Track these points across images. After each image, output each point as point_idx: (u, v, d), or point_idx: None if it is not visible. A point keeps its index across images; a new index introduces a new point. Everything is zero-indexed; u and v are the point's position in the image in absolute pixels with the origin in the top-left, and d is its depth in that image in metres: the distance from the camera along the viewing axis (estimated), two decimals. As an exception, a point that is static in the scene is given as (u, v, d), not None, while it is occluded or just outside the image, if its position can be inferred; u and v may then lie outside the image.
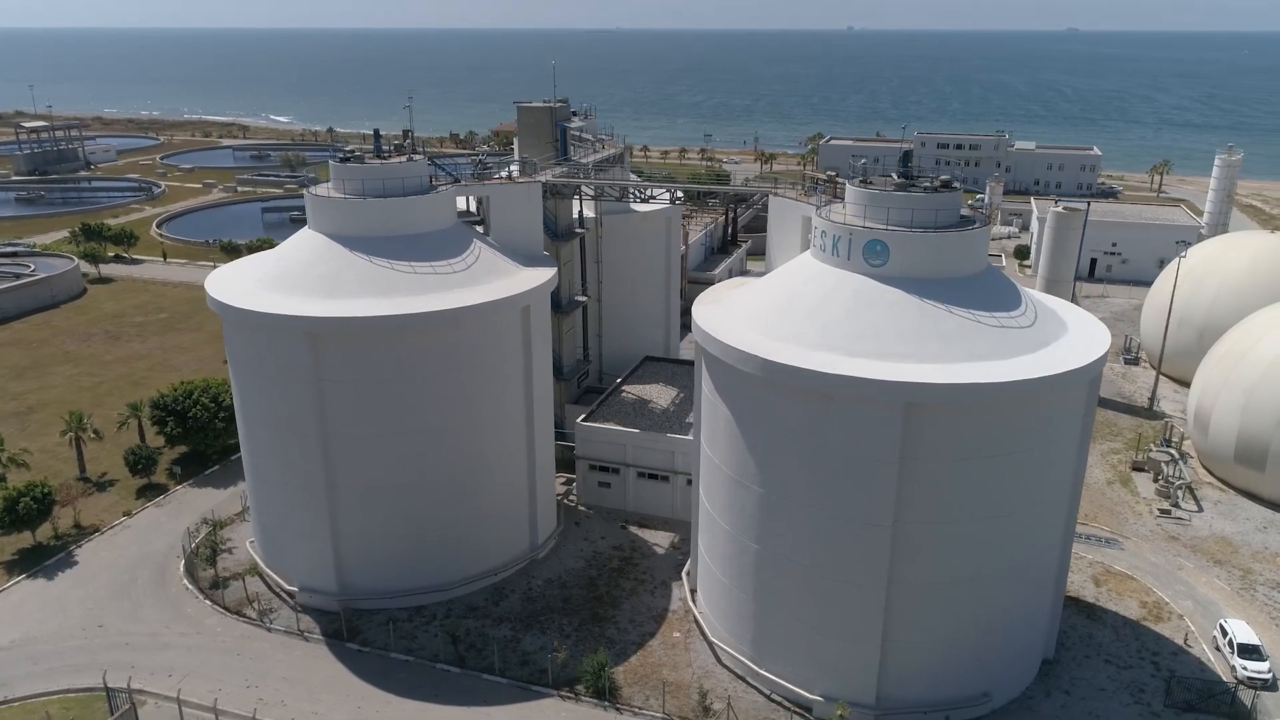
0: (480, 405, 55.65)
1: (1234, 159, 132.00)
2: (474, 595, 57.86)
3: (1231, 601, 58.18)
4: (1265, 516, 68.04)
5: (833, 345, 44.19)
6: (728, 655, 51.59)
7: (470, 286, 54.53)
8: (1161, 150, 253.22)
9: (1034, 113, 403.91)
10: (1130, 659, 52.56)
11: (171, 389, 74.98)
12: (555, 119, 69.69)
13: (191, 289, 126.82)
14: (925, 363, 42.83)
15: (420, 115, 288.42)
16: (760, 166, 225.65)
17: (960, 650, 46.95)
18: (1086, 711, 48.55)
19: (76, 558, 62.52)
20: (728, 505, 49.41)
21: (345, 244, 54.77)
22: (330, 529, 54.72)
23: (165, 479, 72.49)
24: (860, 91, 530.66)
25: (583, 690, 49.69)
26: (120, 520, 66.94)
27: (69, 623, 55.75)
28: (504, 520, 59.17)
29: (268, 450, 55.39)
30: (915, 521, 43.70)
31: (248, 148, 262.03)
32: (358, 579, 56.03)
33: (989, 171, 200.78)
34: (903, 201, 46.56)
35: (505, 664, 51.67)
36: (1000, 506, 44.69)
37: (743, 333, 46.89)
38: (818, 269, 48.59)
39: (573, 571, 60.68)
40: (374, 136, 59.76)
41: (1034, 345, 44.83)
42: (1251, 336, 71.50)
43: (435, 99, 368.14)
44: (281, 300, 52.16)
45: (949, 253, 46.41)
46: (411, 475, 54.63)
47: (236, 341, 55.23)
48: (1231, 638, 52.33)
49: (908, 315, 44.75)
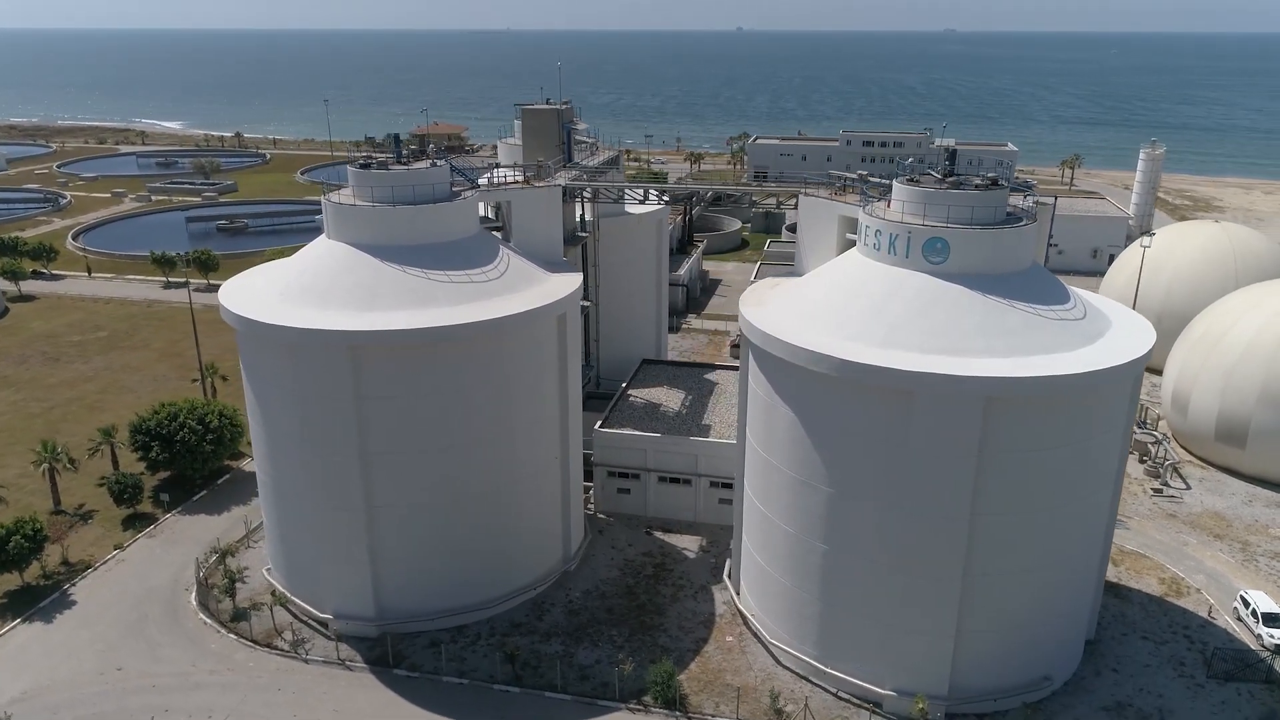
0: (519, 416, 54.20)
1: (1157, 153, 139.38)
2: (514, 612, 56.32)
3: (1239, 573, 61.25)
4: (1248, 491, 71.90)
5: (905, 343, 44.56)
6: (788, 656, 51.53)
7: (506, 295, 53.07)
8: (1059, 145, 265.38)
9: (934, 110, 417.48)
10: (1164, 634, 54.73)
11: (151, 412, 70.62)
12: (561, 121, 68.37)
13: (127, 305, 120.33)
14: (998, 357, 43.61)
15: (330, 117, 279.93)
16: (690, 167, 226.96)
17: (1025, 636, 48.05)
18: (1137, 688, 50.32)
19: (73, 597, 58.24)
20: (790, 507, 49.32)
21: (374, 254, 52.51)
22: (368, 551, 52.44)
23: (151, 508, 68.27)
24: (764, 91, 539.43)
25: (651, 701, 48.94)
26: (112, 554, 62.70)
27: (83, 668, 51.89)
28: (540, 532, 57.83)
29: (297, 473, 52.63)
30: (990, 513, 44.45)
31: (152, 154, 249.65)
32: (396, 602, 53.86)
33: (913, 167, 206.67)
34: (962, 199, 47.34)
35: (565, 680, 50.45)
36: (1065, 494, 45.90)
37: (805, 333, 46.87)
38: (873, 268, 48.92)
39: (608, 581, 59.70)
40: (393, 141, 57.43)
41: (1091, 337, 46.18)
42: (1224, 322, 75.42)
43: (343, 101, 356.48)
44: (318, 315, 49.68)
45: (1004, 249, 47.40)
46: (452, 491, 52.81)
47: (261, 359, 52.31)
48: (1255, 607, 55.05)
49: (974, 311, 45.50)
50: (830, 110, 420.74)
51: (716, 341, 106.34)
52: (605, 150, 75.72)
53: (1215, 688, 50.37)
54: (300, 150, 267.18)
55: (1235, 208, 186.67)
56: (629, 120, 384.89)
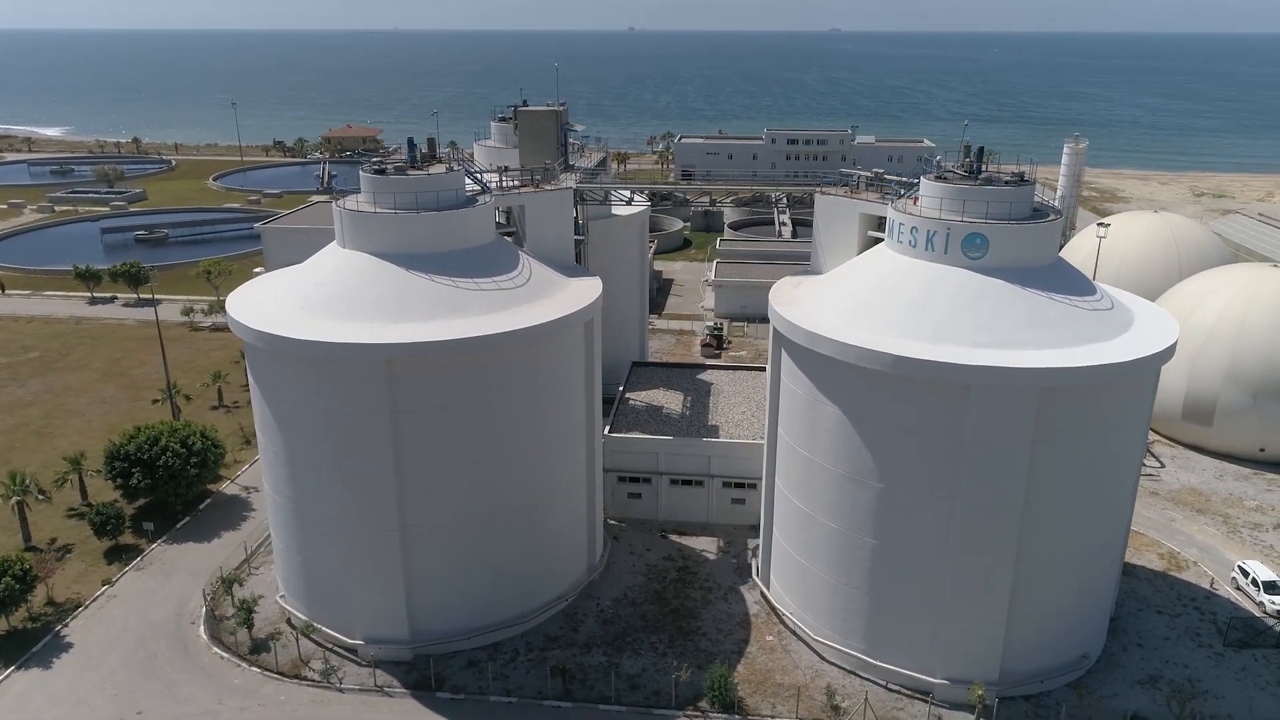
0: (551, 424, 53.04)
1: (1080, 147, 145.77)
2: (547, 625, 55.10)
3: (1227, 545, 64.58)
4: (1216, 466, 75.91)
5: (955, 338, 45.37)
6: (833, 652, 51.87)
7: (535, 302, 51.88)
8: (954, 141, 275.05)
9: (837, 108, 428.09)
10: (1175, 607, 57.27)
11: (127, 436, 66.36)
12: (560, 123, 67.23)
13: (52, 323, 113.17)
14: (1046, 348, 44.80)
15: (228, 121, 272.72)
16: (617, 166, 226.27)
17: (1068, 617, 49.61)
18: (1164, 660, 52.50)
19: (68, 638, 54.29)
20: (837, 504, 49.62)
21: (398, 262, 50.58)
22: (403, 572, 50.49)
23: (133, 538, 64.18)
24: (669, 91, 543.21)
25: (708, 706, 48.58)
26: (102, 590, 58.69)
27: (98, 714, 48.41)
28: (569, 542, 56.79)
29: (322, 494, 50.23)
30: (1042, 501, 45.66)
31: (45, 162, 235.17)
32: (431, 623, 52.02)
33: (836, 165, 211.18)
34: (1001, 195, 48.42)
35: (617, 691, 49.62)
36: (1106, 479, 47.58)
37: (851, 331, 47.23)
38: (910, 264, 49.58)
39: (635, 588, 59.02)
40: (408, 146, 55.32)
41: (1123, 326, 47.92)
42: (1188, 306, 79.39)
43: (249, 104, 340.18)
44: (348, 328, 47.53)
45: (1038, 243, 48.74)
46: (487, 505, 51.32)
47: (282, 376, 49.63)
48: (1255, 577, 58.10)
49: (1016, 304, 46.62)
50: (737, 109, 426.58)
51: (684, 341, 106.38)
52: (593, 152, 74.80)
53: (1233, 656, 52.95)
54: (206, 155, 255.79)
55: (1139, 198, 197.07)
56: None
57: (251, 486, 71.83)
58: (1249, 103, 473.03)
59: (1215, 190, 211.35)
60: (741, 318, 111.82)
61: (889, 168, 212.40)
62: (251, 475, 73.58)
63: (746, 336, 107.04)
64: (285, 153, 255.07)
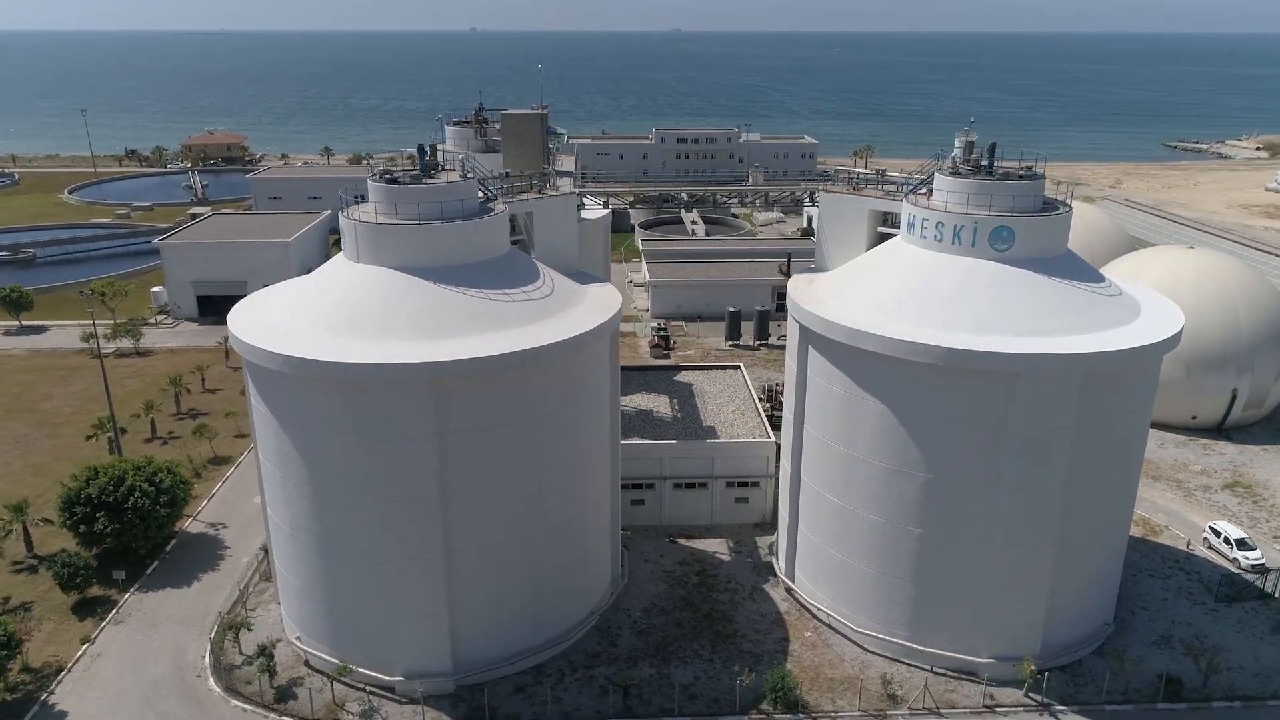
0: (585, 435, 51.77)
1: (971, 139, 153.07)
2: (585, 641, 53.74)
3: (1187, 508, 69.56)
4: (1156, 435, 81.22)
5: (997, 328, 46.91)
6: (875, 642, 52.81)
7: (566, 311, 50.47)
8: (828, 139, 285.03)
9: (701, 108, 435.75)
10: (1163, 570, 61.25)
11: (84, 478, 60.21)
12: (544, 126, 65.44)
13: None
14: (1080, 334, 46.93)
15: (63, 129, 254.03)
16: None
17: (1097, 589, 52.31)
18: (1169, 620, 56.09)
19: (59, 706, 49.02)
20: (879, 497, 50.46)
21: (423, 276, 48.05)
22: (447, 600, 48.09)
23: (101, 590, 58.45)
24: (530, 91, 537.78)
25: (771, 708, 48.56)
26: (83, 649, 53.24)
27: (123, 786, 44.02)
28: (599, 556, 55.61)
29: (357, 525, 47.17)
30: (1081, 480, 47.85)
31: None
32: (475, 651, 49.79)
33: (724, 163, 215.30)
34: (1025, 189, 50.33)
35: (677, 703, 48.89)
36: (1132, 455, 50.49)
37: (887, 325, 48.13)
38: (935, 258, 50.85)
39: (660, 595, 58.32)
40: (418, 153, 52.49)
41: (1136, 310, 50.79)
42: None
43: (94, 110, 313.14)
44: (384, 347, 44.80)
45: (1055, 234, 51.02)
46: (529, 524, 49.54)
47: (305, 402, 46.14)
48: (1226, 536, 62.81)
49: (1046, 293, 48.64)
50: (605, 110, 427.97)
51: (628, 343, 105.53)
52: (563, 156, 73.32)
53: (1226, 610, 57.10)
54: (51, 167, 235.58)
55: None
56: (406, 124, 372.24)
57: (219, 523, 66.85)
58: (1076, 97, 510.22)
59: (1070, 179, 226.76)
60: (679, 317, 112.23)
61: (776, 164, 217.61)
62: (214, 511, 68.52)
63: (689, 335, 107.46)
64: (141, 162, 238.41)
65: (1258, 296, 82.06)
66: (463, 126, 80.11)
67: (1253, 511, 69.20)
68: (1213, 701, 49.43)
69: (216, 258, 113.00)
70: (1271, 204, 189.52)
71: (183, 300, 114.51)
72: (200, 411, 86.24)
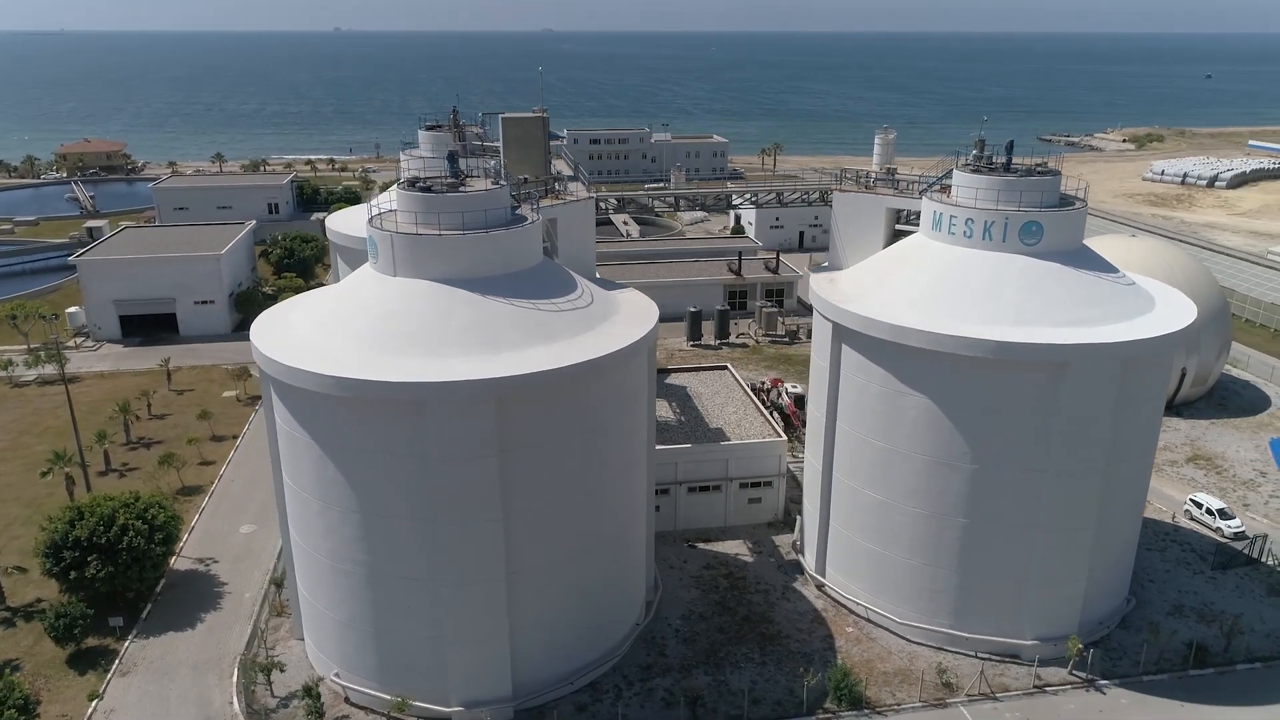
0: (632, 445, 50.83)
1: (890, 137, 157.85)
2: (633, 654, 52.75)
3: (1160, 481, 73.24)
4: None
5: (1039, 320, 48.36)
6: (919, 632, 53.72)
7: (610, 319, 49.49)
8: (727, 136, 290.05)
9: (592, 108, 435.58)
10: (1158, 543, 64.46)
11: (55, 521, 55.20)
12: (546, 130, 63.79)
13: None
14: (1113, 323, 48.89)
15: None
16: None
17: (1123, 565, 54.75)
18: (1176, 590, 59.12)
19: (81, 771, 45.00)
20: (923, 490, 51.32)
21: (467, 288, 46.10)
22: (508, 624, 46.35)
23: (96, 640, 53.85)
24: (414, 93, 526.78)
25: (835, 707, 48.77)
26: (93, 706, 48.88)
27: None
28: (639, 566, 54.67)
29: (410, 551, 44.84)
30: (1117, 463, 49.87)
31: None
32: (533, 673, 48.16)
33: (638, 163, 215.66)
34: (1051, 185, 51.94)
35: (744, 709, 48.51)
36: (1151, 436, 52.89)
37: (925, 320, 49.04)
38: (964, 253, 51.94)
39: (695, 601, 57.81)
40: (449, 160, 50.18)
41: (1152, 300, 53.20)
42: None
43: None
44: (441, 364, 42.79)
45: (1076, 228, 52.97)
46: (585, 537, 48.30)
47: (355, 426, 43.51)
48: (1208, 507, 66.65)
49: (1075, 285, 50.43)
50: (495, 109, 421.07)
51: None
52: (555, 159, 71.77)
53: (1222, 577, 60.57)
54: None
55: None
56: (293, 128, 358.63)
57: (208, 558, 62.64)
58: (949, 95, 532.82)
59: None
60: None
61: (688, 162, 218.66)
62: (199, 545, 64.18)
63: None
64: (11, 173, 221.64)
65: (1198, 279, 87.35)
66: (437, 130, 77.46)
67: (1219, 482, 73.67)
68: (1236, 665, 52.33)
69: (141, 274, 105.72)
70: (1152, 192, 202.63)
71: (104, 321, 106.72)
72: (153, 440, 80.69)
